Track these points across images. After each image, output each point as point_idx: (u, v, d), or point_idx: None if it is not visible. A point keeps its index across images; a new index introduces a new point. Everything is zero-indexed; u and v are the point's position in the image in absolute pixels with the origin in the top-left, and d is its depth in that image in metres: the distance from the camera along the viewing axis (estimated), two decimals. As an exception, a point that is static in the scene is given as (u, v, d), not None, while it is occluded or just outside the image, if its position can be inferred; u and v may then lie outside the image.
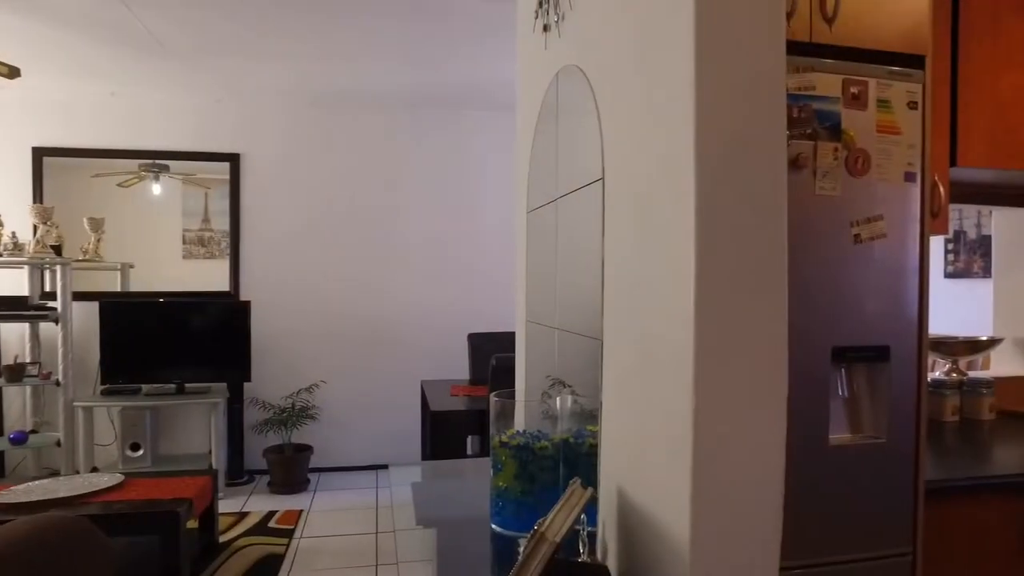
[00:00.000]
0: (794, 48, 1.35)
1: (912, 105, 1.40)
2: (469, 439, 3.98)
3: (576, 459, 1.46)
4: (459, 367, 5.00)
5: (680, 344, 0.90)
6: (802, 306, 1.31)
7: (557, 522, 1.00)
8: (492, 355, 3.39)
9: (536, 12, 1.79)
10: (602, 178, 1.19)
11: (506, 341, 2.55)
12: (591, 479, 1.35)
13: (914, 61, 1.43)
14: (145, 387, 4.49)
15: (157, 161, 4.93)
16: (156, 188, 4.98)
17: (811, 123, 1.32)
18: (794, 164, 1.30)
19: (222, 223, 5.04)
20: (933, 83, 1.79)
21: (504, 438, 1.45)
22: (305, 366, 5.07)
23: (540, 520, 1.01)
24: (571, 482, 1.20)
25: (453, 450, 3.74)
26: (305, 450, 4.74)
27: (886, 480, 1.41)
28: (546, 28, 1.72)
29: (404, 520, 3.60)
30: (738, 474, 0.90)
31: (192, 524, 3.08)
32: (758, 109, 0.91)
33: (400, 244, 5.30)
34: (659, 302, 0.98)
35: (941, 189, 1.82)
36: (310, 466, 4.81)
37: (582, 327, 1.35)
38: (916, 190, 1.40)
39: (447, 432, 3.58)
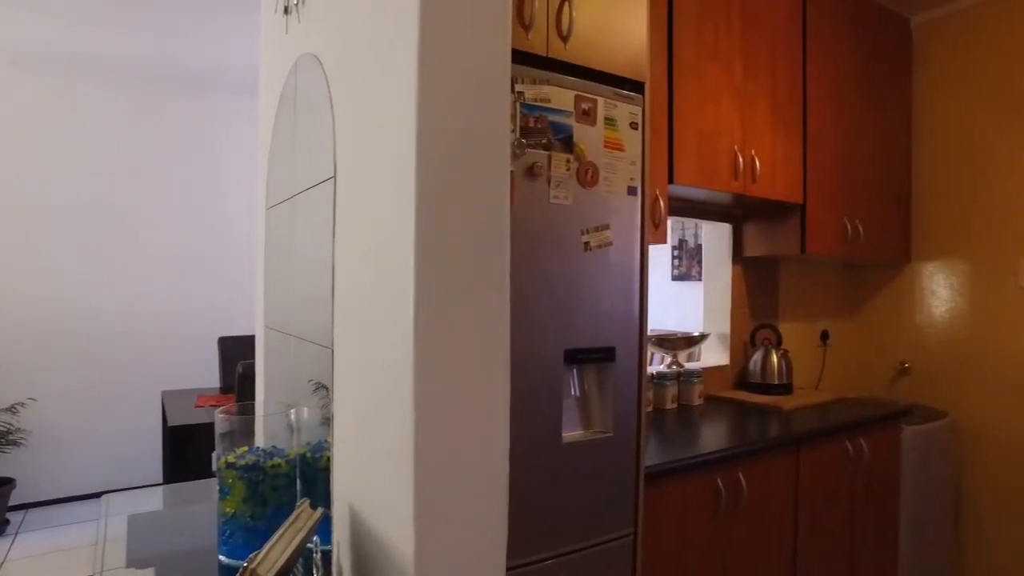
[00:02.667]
0: (533, 61, 1.40)
1: (634, 125, 1.53)
2: (215, 456, 3.61)
3: (315, 475, 1.36)
4: (210, 375, 4.53)
5: (401, 354, 0.86)
6: (537, 311, 1.36)
7: (274, 553, 0.91)
8: (243, 361, 3.10)
9: (278, -9, 1.65)
10: (334, 177, 1.11)
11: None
12: (329, 497, 1.27)
13: (636, 86, 1.56)
14: None
15: None
16: None
17: (546, 134, 1.37)
18: (530, 172, 1.34)
19: None
20: (653, 109, 2.00)
21: (231, 458, 1.30)
22: (6, 383, 4.21)
23: (254, 553, 0.90)
24: (298, 504, 1.10)
25: (198, 469, 3.35)
26: (3, 484, 3.93)
27: (613, 470, 1.53)
28: (287, 10, 1.59)
29: (116, 559, 3.13)
30: (462, 487, 0.89)
31: None
32: (483, 114, 0.91)
33: (137, 240, 4.64)
34: (382, 310, 0.93)
35: (662, 203, 2.04)
36: (11, 503, 4.00)
37: (316, 334, 1.26)
38: (638, 202, 1.54)
39: (190, 449, 3.19)
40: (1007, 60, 2.86)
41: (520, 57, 1.37)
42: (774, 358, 2.69)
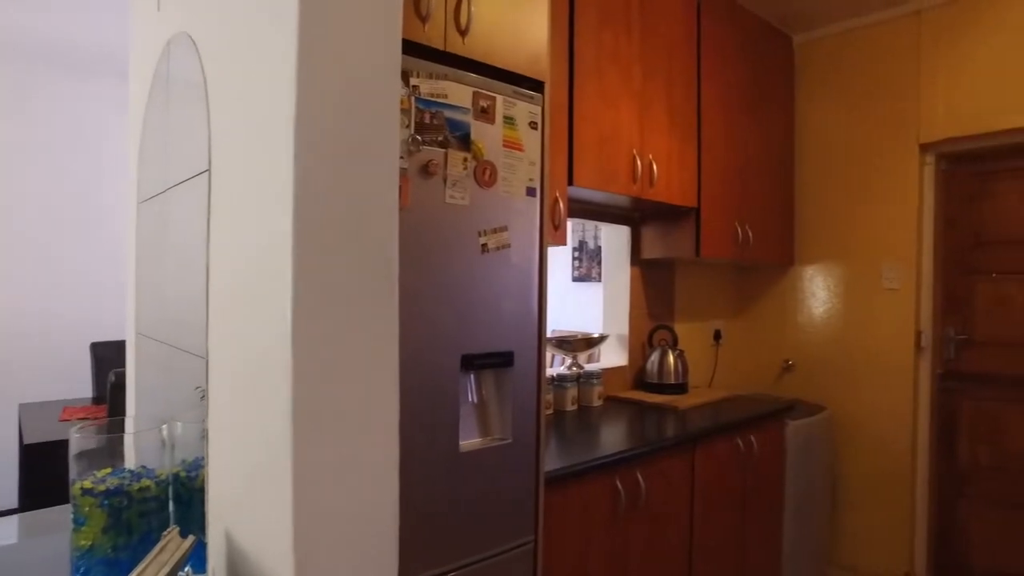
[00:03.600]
0: (429, 54, 1.35)
1: (533, 125, 1.51)
2: (71, 480, 3.28)
3: (191, 497, 1.24)
4: (81, 385, 4.14)
5: (278, 362, 0.79)
6: (432, 316, 1.31)
7: (131, 593, 0.80)
8: (115, 369, 2.84)
9: (149, -35, 1.50)
10: (208, 170, 1.01)
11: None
12: (205, 521, 1.15)
13: (536, 85, 1.54)
14: None
15: None
16: None
17: (443, 131, 1.32)
18: (425, 171, 1.29)
19: None
20: (553, 109, 1.99)
21: (88, 483, 1.16)
22: None
23: (106, 595, 0.79)
24: (166, 532, 0.99)
25: (60, 493, 3.03)
26: None
27: (513, 477, 1.49)
28: (159, -15, 1.45)
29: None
30: (348, 506, 0.82)
31: None
32: (370, 107, 0.84)
33: (-9, 234, 4.18)
34: (258, 315, 0.85)
35: (562, 204, 2.04)
36: None
37: (190, 342, 1.15)
38: (537, 204, 1.52)
39: (50, 470, 2.88)
40: (873, 79, 3.08)
41: (416, 50, 1.32)
42: (671, 358, 2.77)
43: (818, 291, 3.29)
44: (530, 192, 1.50)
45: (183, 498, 1.24)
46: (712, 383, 3.26)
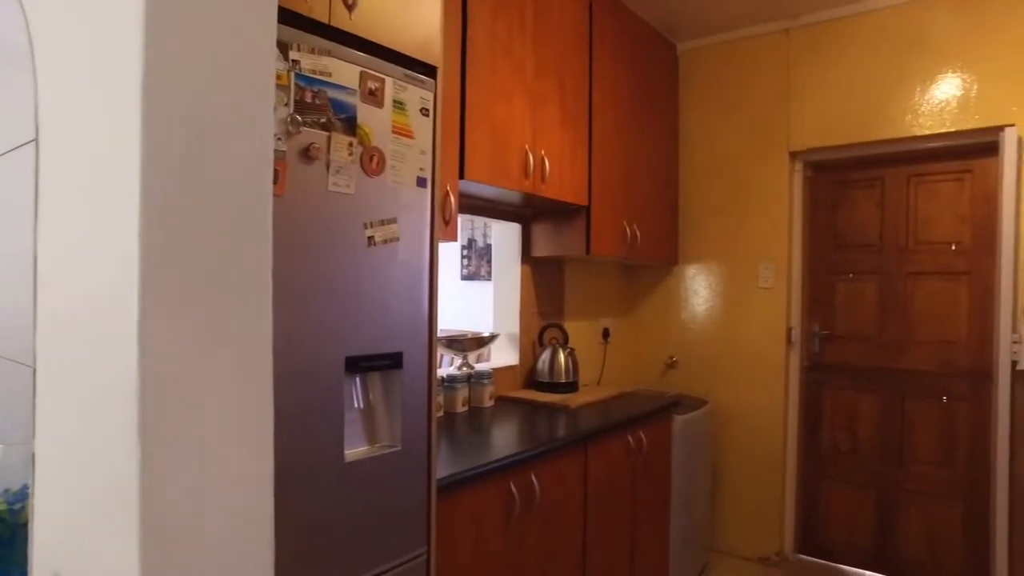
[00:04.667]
0: (312, 27, 1.22)
1: (424, 112, 1.41)
2: None
3: (12, 534, 1.05)
4: None
5: (122, 371, 0.65)
6: (313, 314, 1.19)
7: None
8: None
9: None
10: (36, 140, 0.84)
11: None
12: (28, 563, 0.97)
13: (428, 70, 1.45)
14: None
15: None
16: None
17: (326, 111, 1.20)
18: (306, 155, 1.17)
19: None
20: (445, 99, 1.90)
21: None
22: None
23: None
24: (-24, 581, 0.82)
25: None
26: None
27: (403, 486, 1.40)
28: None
29: None
30: (210, 537, 0.70)
31: None
32: (237, 78, 0.72)
33: None
34: (100, 316, 0.71)
35: (453, 198, 1.95)
36: None
37: (13, 348, 0.97)
38: (428, 196, 1.43)
39: None
40: (749, 88, 3.24)
41: (296, 20, 1.19)
42: (561, 357, 2.76)
43: (700, 290, 3.42)
44: (420, 183, 1.41)
45: (2, 536, 1.05)
46: (601, 381, 3.30)
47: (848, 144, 3.02)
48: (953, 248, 2.92)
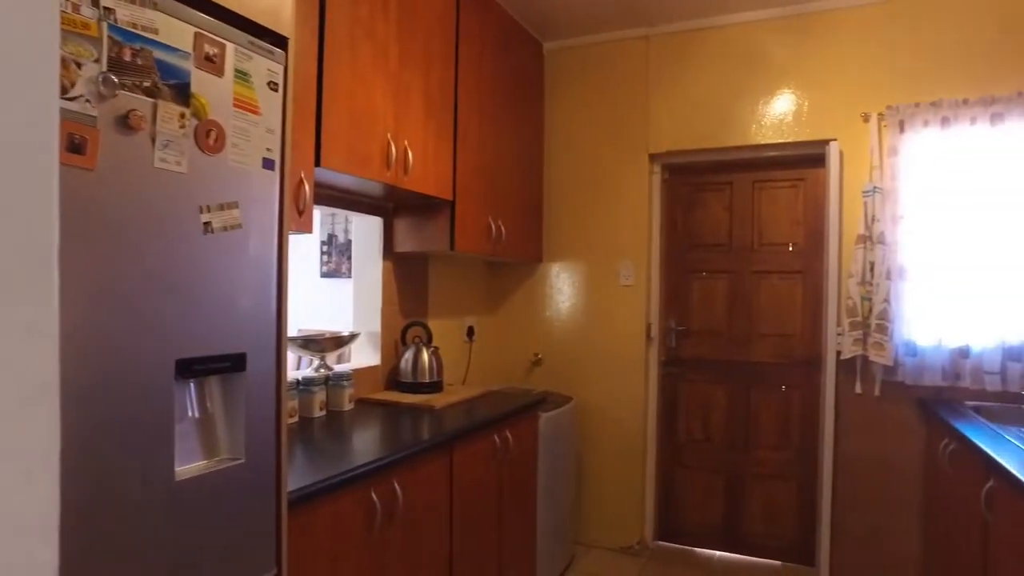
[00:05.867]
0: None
1: (273, 86, 1.27)
2: None
3: None
4: None
5: None
6: (136, 312, 1.01)
7: None
8: None
9: None
10: None
11: None
12: None
13: (278, 40, 1.31)
14: None
15: None
16: None
17: (151, 74, 1.03)
18: (125, 124, 0.99)
19: None
20: (300, 80, 1.75)
21: None
22: None
23: None
24: None
25: None
26: None
27: (248, 504, 1.24)
28: None
29: None
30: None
31: None
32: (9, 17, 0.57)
33: None
34: None
35: (307, 187, 1.80)
36: None
37: None
38: (276, 179, 1.28)
39: None
40: (612, 90, 3.34)
41: (110, -35, 1.01)
42: (425, 356, 2.67)
43: (564, 288, 3.46)
44: (267, 164, 1.26)
45: None
46: (466, 380, 3.24)
47: (701, 149, 3.18)
48: (790, 249, 3.17)
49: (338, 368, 2.46)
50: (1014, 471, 1.69)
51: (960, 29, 2.72)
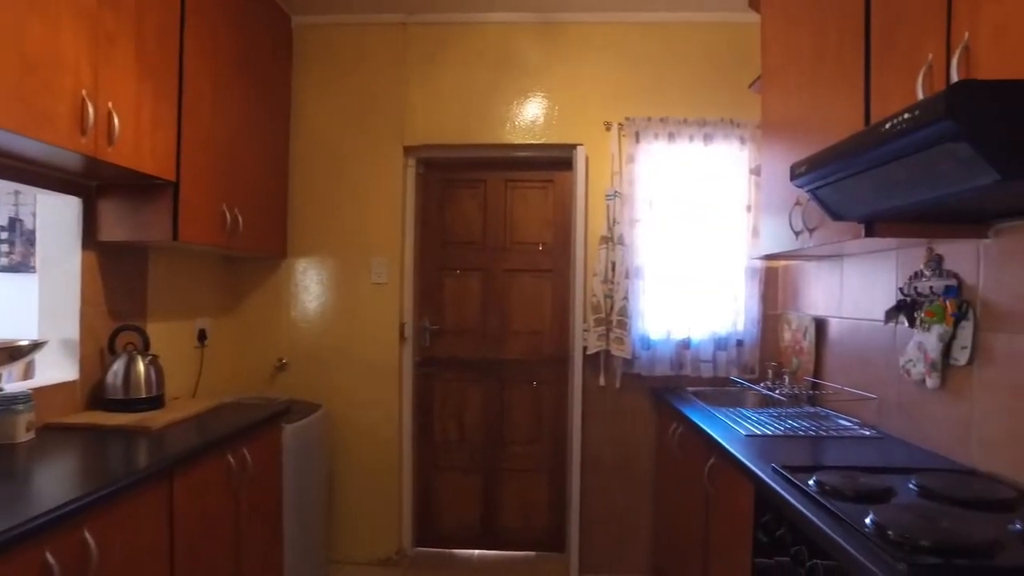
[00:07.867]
0: None
1: None
2: None
3: None
4: None
5: None
6: None
7: None
8: None
9: None
10: None
11: None
12: None
13: None
14: None
15: None
16: None
17: None
18: None
19: None
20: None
21: None
22: None
23: None
24: None
25: None
26: None
27: None
28: None
29: None
30: None
31: None
32: None
33: None
34: None
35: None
36: None
37: None
38: None
39: None
40: (366, 76, 3.14)
41: None
42: (140, 367, 2.21)
43: (312, 285, 3.18)
44: None
45: None
46: (197, 392, 2.80)
47: (455, 144, 3.14)
48: (540, 248, 3.28)
49: (12, 387, 1.92)
50: (728, 447, 1.89)
51: (682, 57, 3.05)
